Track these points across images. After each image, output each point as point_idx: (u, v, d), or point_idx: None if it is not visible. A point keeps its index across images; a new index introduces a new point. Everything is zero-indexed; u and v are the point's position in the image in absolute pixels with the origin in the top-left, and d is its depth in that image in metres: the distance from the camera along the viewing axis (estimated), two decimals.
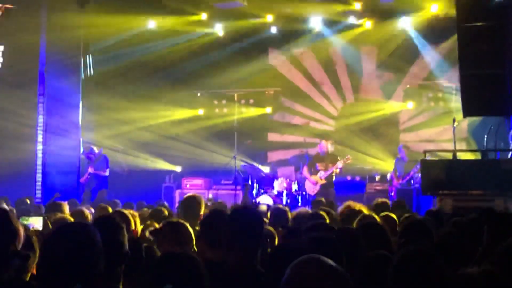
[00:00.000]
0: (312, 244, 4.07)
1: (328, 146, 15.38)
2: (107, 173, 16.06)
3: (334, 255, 2.82)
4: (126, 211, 5.59)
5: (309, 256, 2.49)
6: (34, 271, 3.96)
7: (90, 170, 15.97)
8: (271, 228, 6.13)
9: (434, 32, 16.64)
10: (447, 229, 5.78)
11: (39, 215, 6.37)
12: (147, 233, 5.32)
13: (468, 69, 11.50)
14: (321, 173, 15.08)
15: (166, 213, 7.29)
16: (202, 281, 3.18)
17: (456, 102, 15.69)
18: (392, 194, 15.03)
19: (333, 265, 2.43)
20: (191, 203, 7.03)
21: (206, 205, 8.77)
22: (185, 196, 7.54)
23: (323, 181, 15.06)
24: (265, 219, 7.13)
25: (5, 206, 8.01)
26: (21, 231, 3.38)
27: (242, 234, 4.08)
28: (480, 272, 3.37)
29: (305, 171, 15.43)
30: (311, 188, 15.34)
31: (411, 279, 3.18)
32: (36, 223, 5.42)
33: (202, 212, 6.89)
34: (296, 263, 2.46)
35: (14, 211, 7.74)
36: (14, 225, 3.35)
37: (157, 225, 6.23)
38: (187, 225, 5.22)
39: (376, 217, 6.35)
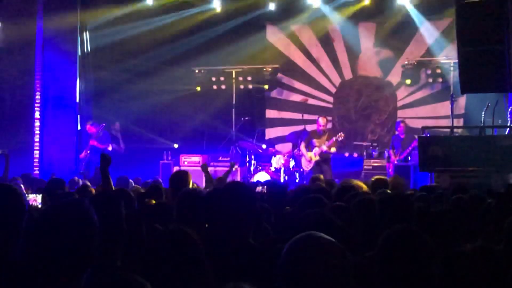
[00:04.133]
0: (308, 221, 4.09)
1: (325, 122, 15.34)
2: (110, 148, 16.03)
3: (330, 232, 2.82)
4: (127, 190, 5.59)
5: (308, 233, 2.49)
6: None
7: (92, 142, 15.92)
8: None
9: (432, 8, 16.60)
10: (446, 206, 5.78)
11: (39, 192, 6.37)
12: None
13: (467, 46, 11.46)
14: (316, 150, 15.08)
15: (163, 190, 7.26)
16: (198, 253, 3.19)
17: (454, 79, 15.69)
18: (390, 170, 15.05)
19: (332, 241, 2.43)
20: (179, 178, 7.01)
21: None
22: (173, 171, 7.53)
23: (317, 158, 15.06)
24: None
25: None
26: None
27: (234, 211, 4.09)
28: (474, 248, 3.37)
29: (302, 147, 15.42)
30: (305, 165, 15.36)
31: (397, 259, 3.17)
32: (35, 200, 5.43)
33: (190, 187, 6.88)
34: (294, 240, 2.47)
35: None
36: (24, 203, 3.39)
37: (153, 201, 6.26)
38: None
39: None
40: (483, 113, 12.11)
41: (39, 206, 5.23)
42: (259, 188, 9.03)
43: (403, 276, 3.11)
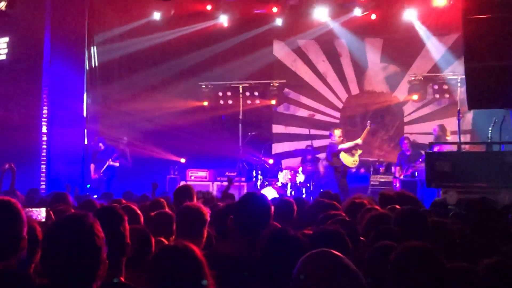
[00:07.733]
0: (318, 237, 4.07)
1: (341, 133, 15.13)
2: (117, 164, 16.19)
3: (340, 248, 2.81)
4: (133, 206, 5.58)
5: (322, 250, 2.47)
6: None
7: (110, 162, 16.04)
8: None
9: (439, 24, 16.61)
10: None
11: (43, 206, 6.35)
12: None
13: (474, 61, 11.42)
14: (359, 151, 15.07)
15: (165, 204, 7.26)
16: (199, 270, 3.14)
17: (461, 94, 15.66)
18: (397, 185, 15.00)
19: (344, 259, 2.41)
20: (183, 192, 7.04)
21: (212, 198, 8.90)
22: (178, 186, 7.62)
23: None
24: None
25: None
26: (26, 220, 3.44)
27: (246, 223, 4.12)
28: (490, 264, 3.35)
29: (342, 155, 15.09)
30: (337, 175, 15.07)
31: (410, 276, 3.14)
32: (39, 214, 5.39)
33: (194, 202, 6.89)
34: (308, 256, 2.44)
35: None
36: (23, 215, 3.39)
37: None
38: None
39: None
40: (490, 129, 12.05)
41: (43, 220, 5.19)
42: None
43: None
